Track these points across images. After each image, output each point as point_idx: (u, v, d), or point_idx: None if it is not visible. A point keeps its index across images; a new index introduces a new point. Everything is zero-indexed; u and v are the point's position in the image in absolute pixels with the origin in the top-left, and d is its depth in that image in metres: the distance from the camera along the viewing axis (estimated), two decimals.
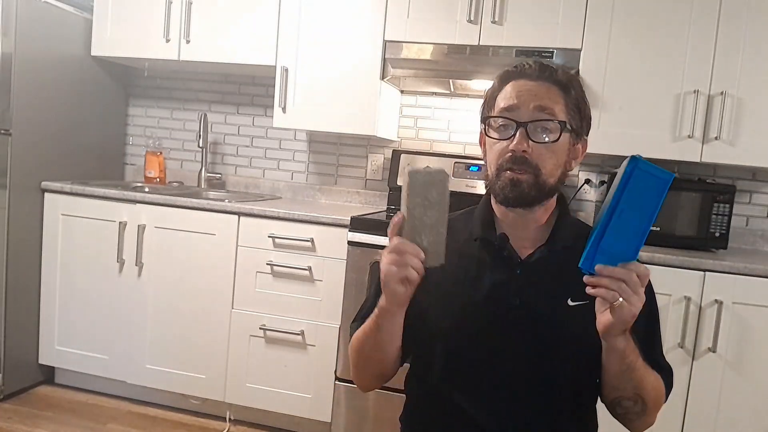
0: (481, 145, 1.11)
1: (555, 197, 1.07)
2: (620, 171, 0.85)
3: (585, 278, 0.86)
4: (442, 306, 1.04)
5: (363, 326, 1.06)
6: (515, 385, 1.01)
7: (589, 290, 0.86)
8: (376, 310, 0.98)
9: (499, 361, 1.02)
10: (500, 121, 1.01)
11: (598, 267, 0.84)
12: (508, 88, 1.02)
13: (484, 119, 1.05)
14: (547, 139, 0.99)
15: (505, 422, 1.02)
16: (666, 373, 1.07)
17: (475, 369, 1.03)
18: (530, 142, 0.98)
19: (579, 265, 0.86)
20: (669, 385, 1.07)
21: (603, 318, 0.88)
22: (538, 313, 1.01)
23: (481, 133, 1.09)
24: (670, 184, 0.83)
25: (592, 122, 1.09)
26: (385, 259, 0.90)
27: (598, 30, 2.19)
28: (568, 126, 1.00)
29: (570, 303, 1.00)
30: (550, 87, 1.01)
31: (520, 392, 1.02)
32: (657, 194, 0.82)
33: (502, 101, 1.02)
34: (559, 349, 1.00)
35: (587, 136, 1.07)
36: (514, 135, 0.98)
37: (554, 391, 1.01)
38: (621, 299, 0.84)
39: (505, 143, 1.00)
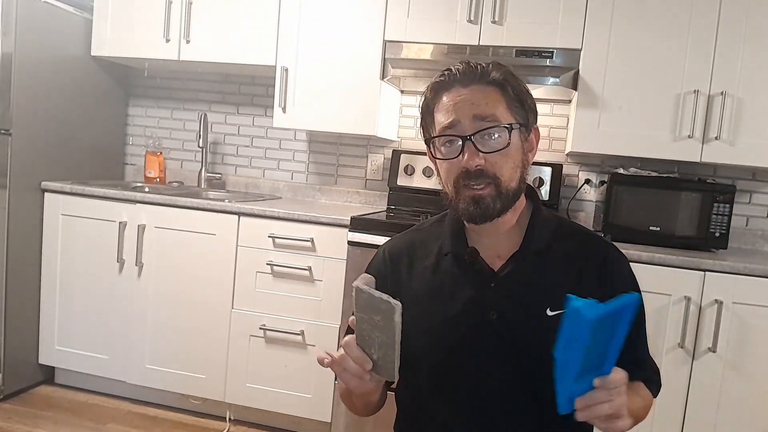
0: (429, 158, 1.06)
1: (522, 195, 1.04)
2: (564, 319, 0.76)
3: (577, 416, 0.80)
4: (421, 323, 1.01)
5: None
6: (500, 399, 0.99)
7: (583, 419, 0.81)
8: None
9: (481, 376, 0.99)
10: (443, 139, 0.98)
11: (578, 404, 0.79)
12: (443, 101, 0.99)
13: (428, 140, 1.02)
14: (497, 146, 0.95)
15: None
16: (651, 372, 1.05)
17: (459, 384, 1.01)
18: (480, 153, 0.95)
19: (559, 411, 0.80)
20: (658, 386, 1.05)
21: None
22: (516, 325, 0.98)
23: (427, 147, 1.05)
24: (632, 308, 0.75)
25: (591, 122, 1.07)
26: (336, 364, 0.87)
27: (598, 30, 2.19)
28: (514, 125, 0.97)
29: (549, 313, 0.97)
30: (484, 89, 0.97)
31: (505, 406, 0.99)
32: (621, 320, 0.75)
33: (441, 117, 0.99)
34: (541, 361, 0.95)
35: (536, 123, 1.04)
36: (462, 150, 0.95)
37: (539, 402, 0.98)
38: (620, 422, 0.81)
39: (455, 161, 0.97)
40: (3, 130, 2.33)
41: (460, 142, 0.95)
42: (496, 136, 0.96)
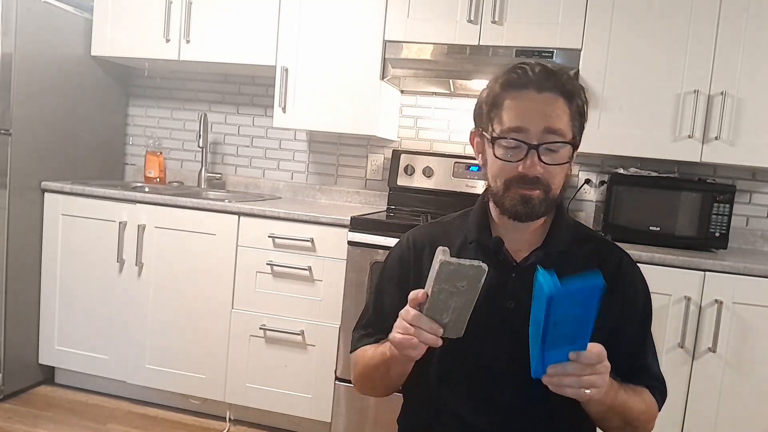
0: (472, 145, 1.09)
1: None
2: (535, 286, 0.85)
3: (543, 380, 0.85)
4: None
5: (371, 356, 1.06)
6: (511, 388, 1.01)
7: (552, 388, 0.86)
8: (386, 352, 0.97)
9: (493, 364, 1.01)
10: (508, 142, 0.99)
11: (549, 370, 0.84)
12: (514, 103, 0.99)
13: (493, 140, 1.00)
14: (559, 160, 0.98)
15: (501, 427, 1.01)
16: (657, 382, 1.06)
17: (470, 373, 1.03)
18: (541, 164, 0.97)
19: (532, 375, 0.86)
20: (662, 395, 1.06)
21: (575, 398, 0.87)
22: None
23: (472, 133, 1.08)
24: (597, 290, 0.80)
25: (591, 122, 1.09)
26: (401, 329, 0.89)
27: (598, 30, 2.19)
28: (577, 142, 1.00)
29: None
30: (556, 99, 0.98)
31: (515, 397, 1.01)
32: (587, 301, 0.80)
33: (508, 118, 0.99)
34: None
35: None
36: (525, 157, 0.97)
37: (549, 395, 0.98)
38: (588, 392, 0.85)
39: (514, 164, 0.98)
40: (3, 130, 2.33)
41: (525, 148, 0.96)
42: (560, 150, 0.98)
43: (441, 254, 0.86)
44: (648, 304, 1.07)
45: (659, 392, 1.05)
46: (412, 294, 0.89)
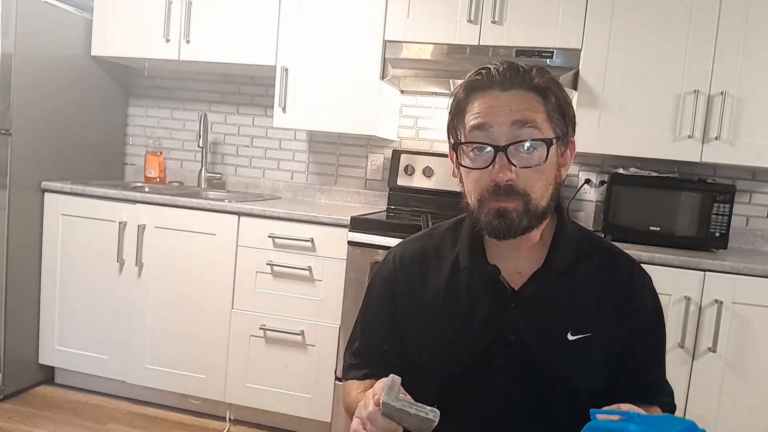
0: (452, 162, 0.96)
1: None
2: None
3: None
4: (432, 337, 0.97)
5: (353, 400, 0.98)
6: (512, 422, 0.95)
7: None
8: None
9: (494, 397, 0.95)
10: (473, 145, 0.88)
11: None
12: (477, 103, 0.89)
13: (455, 146, 0.92)
14: (533, 161, 0.86)
15: None
16: (669, 398, 1.01)
17: (469, 404, 0.96)
18: (512, 167, 0.85)
19: None
20: (673, 411, 1.01)
21: None
22: (534, 347, 0.93)
23: (450, 150, 0.96)
24: None
25: (591, 122, 1.02)
26: (357, 423, 0.82)
27: (598, 30, 2.19)
28: (554, 140, 0.88)
29: (570, 337, 0.92)
30: (526, 95, 0.88)
31: (517, 429, 0.96)
32: None
33: (469, 119, 0.89)
34: (556, 386, 0.93)
35: (574, 136, 0.95)
36: (493, 161, 0.86)
37: (551, 429, 0.94)
38: None
39: (484, 171, 0.87)
40: (3, 130, 2.33)
41: (492, 151, 0.86)
42: (533, 149, 0.86)
43: (387, 395, 0.79)
44: (659, 315, 1.00)
45: (669, 408, 0.99)
46: (371, 390, 0.82)
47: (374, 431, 0.80)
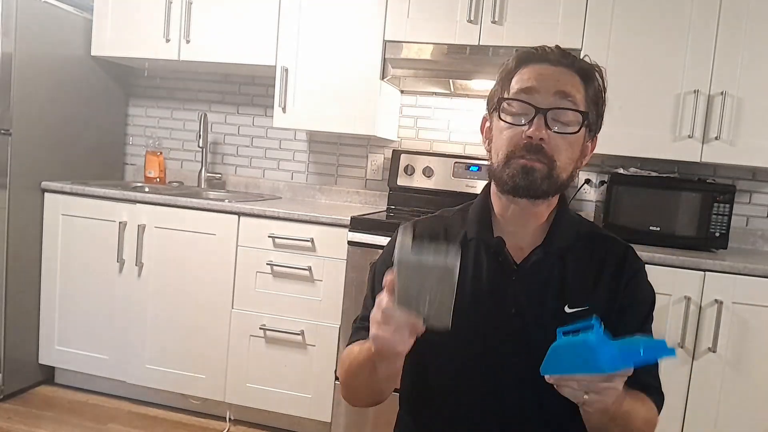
0: (482, 132, 1.03)
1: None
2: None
3: (546, 378, 0.81)
4: None
5: (357, 353, 0.96)
6: (510, 395, 0.98)
7: (556, 387, 0.81)
8: (371, 347, 0.85)
9: (493, 371, 0.98)
10: (516, 105, 0.94)
11: (553, 379, 0.80)
12: (526, 71, 0.95)
13: (498, 101, 0.97)
14: (567, 129, 0.93)
15: None
16: (656, 383, 1.00)
17: (468, 378, 1.00)
18: (548, 131, 0.92)
19: (540, 372, 0.81)
20: (661, 398, 1.00)
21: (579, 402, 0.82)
22: (533, 321, 0.97)
23: (484, 118, 1.02)
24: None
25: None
26: (376, 327, 0.79)
27: (598, 30, 2.19)
28: (587, 119, 0.95)
29: (567, 310, 0.96)
30: (572, 74, 0.95)
31: (515, 403, 0.98)
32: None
33: (517, 82, 0.95)
34: None
35: (599, 132, 1.02)
36: (531, 121, 0.92)
37: (551, 402, 0.93)
38: (587, 396, 0.79)
39: (519, 129, 0.93)
40: (3, 130, 2.33)
41: (533, 113, 0.92)
42: (569, 120, 0.93)
43: (400, 240, 0.73)
44: (650, 299, 1.03)
45: (657, 393, 0.99)
46: (386, 278, 0.78)
47: (392, 333, 0.78)
